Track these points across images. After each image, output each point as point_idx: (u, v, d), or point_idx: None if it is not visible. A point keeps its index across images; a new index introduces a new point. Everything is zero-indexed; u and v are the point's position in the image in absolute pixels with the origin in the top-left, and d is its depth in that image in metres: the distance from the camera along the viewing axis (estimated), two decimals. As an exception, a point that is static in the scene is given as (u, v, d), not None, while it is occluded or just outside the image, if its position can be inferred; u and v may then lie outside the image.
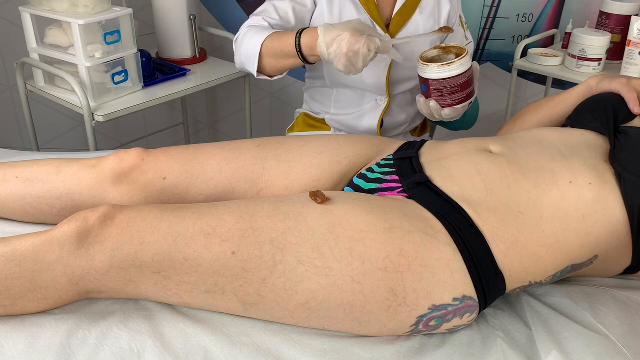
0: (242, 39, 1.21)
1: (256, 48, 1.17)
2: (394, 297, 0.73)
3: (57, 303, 0.76)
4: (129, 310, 0.78)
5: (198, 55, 1.89)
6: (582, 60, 1.67)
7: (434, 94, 1.09)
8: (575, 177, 0.80)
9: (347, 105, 1.34)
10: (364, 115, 1.34)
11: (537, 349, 0.75)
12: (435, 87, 1.07)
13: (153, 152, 0.95)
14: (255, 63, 1.18)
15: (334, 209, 0.77)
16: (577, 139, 0.90)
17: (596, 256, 0.81)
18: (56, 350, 0.71)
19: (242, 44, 1.21)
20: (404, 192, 0.86)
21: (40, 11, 1.49)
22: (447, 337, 0.78)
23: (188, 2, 1.79)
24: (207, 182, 0.93)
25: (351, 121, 1.35)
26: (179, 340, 0.73)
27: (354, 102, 1.34)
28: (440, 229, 0.77)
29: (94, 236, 0.73)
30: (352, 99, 1.33)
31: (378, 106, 1.33)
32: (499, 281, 0.78)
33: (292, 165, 0.94)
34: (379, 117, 1.33)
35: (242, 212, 0.76)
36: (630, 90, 0.96)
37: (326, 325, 0.76)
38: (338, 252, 0.73)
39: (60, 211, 0.94)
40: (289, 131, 1.47)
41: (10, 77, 2.08)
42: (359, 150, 0.97)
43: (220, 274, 0.73)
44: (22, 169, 0.95)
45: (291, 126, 1.47)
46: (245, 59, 1.21)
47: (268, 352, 0.73)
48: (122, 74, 1.57)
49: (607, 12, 1.71)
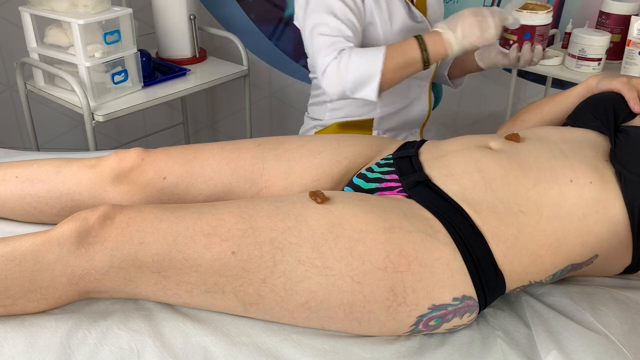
0: (350, 64, 1.16)
1: (377, 67, 1.16)
2: (394, 297, 0.73)
3: (57, 303, 0.76)
4: (129, 310, 0.78)
5: (198, 55, 1.89)
6: (582, 60, 1.67)
7: (537, 39, 1.26)
8: (576, 176, 0.80)
9: (395, 100, 1.37)
10: (413, 103, 1.40)
11: (537, 349, 0.75)
12: (539, 33, 1.26)
13: (153, 152, 0.95)
14: (377, 81, 1.16)
15: (334, 209, 0.77)
16: (578, 138, 0.90)
17: (596, 256, 0.81)
18: (56, 350, 0.71)
19: (350, 69, 1.17)
20: (404, 192, 0.86)
21: (40, 11, 1.49)
22: (447, 337, 0.78)
23: (188, 2, 1.79)
24: (207, 182, 0.93)
25: (401, 114, 1.39)
26: (179, 340, 0.73)
27: (400, 95, 1.37)
28: (440, 229, 0.77)
29: (94, 236, 0.73)
30: (398, 92, 1.35)
31: (423, 91, 1.38)
32: (499, 281, 0.78)
33: (292, 165, 0.94)
34: (428, 100, 1.42)
35: (242, 212, 0.76)
36: (630, 89, 0.96)
37: (326, 325, 0.76)
38: (338, 252, 0.73)
39: (60, 211, 0.94)
40: None
41: (10, 77, 2.08)
42: (359, 150, 0.97)
43: (221, 274, 0.73)
44: (22, 169, 0.95)
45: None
46: (360, 81, 1.17)
47: (268, 352, 0.73)
48: (122, 74, 1.57)
49: (607, 12, 1.71)
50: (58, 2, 1.45)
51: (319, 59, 1.20)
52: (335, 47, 1.19)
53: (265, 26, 2.19)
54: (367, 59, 1.16)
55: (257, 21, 2.18)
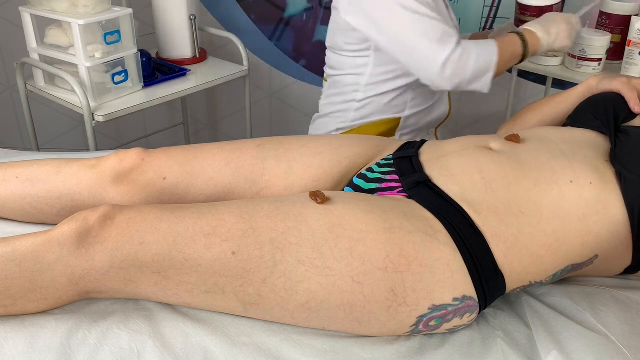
0: (471, 55, 1.20)
1: (493, 59, 1.22)
2: (394, 297, 0.73)
3: (57, 303, 0.76)
4: (129, 310, 0.78)
5: (198, 55, 1.89)
6: (582, 60, 1.67)
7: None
8: (576, 177, 0.80)
9: (423, 101, 1.41)
10: (436, 103, 1.44)
11: (537, 349, 0.75)
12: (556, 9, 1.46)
13: (153, 152, 0.95)
14: (492, 74, 1.23)
15: (334, 209, 0.77)
16: (578, 138, 0.90)
17: (596, 256, 0.81)
18: (56, 350, 0.71)
19: (470, 60, 1.20)
20: (404, 192, 0.86)
21: (40, 11, 1.49)
22: (447, 337, 0.78)
23: (188, 2, 1.79)
24: (207, 182, 0.93)
25: (425, 113, 1.43)
26: (179, 340, 0.73)
27: (428, 96, 1.41)
28: (440, 229, 0.77)
29: (94, 236, 0.73)
30: (427, 93, 1.39)
31: (444, 92, 1.42)
32: (499, 281, 0.78)
33: (292, 165, 0.94)
34: (448, 100, 1.48)
35: (242, 212, 0.76)
36: (630, 89, 0.96)
37: (326, 325, 0.76)
38: (338, 252, 0.73)
39: (60, 211, 0.94)
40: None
41: (10, 77, 2.08)
42: (359, 150, 0.97)
43: (221, 274, 0.73)
44: (22, 169, 0.95)
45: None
46: (478, 73, 1.21)
47: (268, 352, 0.73)
48: (122, 74, 1.57)
49: (607, 12, 1.71)
50: (58, 2, 1.45)
51: (424, 44, 1.19)
52: (450, 37, 1.19)
53: (265, 26, 2.19)
54: (483, 52, 1.21)
55: (257, 21, 2.18)
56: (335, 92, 1.43)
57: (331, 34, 1.39)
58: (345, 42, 1.34)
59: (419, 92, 1.38)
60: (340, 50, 1.37)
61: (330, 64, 1.43)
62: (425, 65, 1.21)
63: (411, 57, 1.22)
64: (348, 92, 1.39)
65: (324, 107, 1.47)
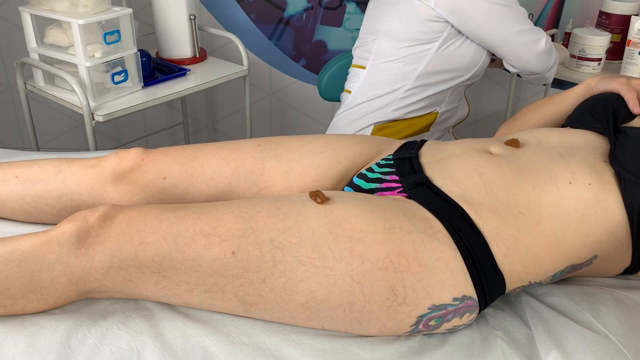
0: (553, 49, 1.43)
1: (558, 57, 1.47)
2: (394, 297, 0.73)
3: (57, 303, 0.76)
4: (129, 310, 0.78)
5: (198, 55, 1.89)
6: (582, 60, 1.67)
7: None
8: (574, 178, 0.81)
9: (455, 99, 1.52)
10: (462, 103, 1.55)
11: (537, 349, 0.75)
12: None
13: (153, 152, 0.95)
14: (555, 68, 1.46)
15: (334, 209, 0.77)
16: (577, 139, 0.90)
17: (596, 256, 0.81)
18: (56, 350, 0.71)
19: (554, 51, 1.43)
20: (404, 192, 0.86)
21: (40, 11, 1.49)
22: (447, 337, 0.78)
23: (188, 2, 1.79)
24: (207, 182, 0.93)
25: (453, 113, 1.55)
26: (179, 340, 0.73)
27: (459, 96, 1.53)
28: (440, 229, 0.77)
29: (94, 236, 0.73)
30: (460, 91, 1.53)
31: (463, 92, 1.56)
32: (499, 281, 0.78)
33: (292, 166, 0.94)
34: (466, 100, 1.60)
35: (242, 212, 0.76)
36: (630, 90, 0.96)
37: (326, 325, 0.76)
38: (338, 252, 0.73)
39: (60, 211, 0.94)
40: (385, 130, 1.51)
41: (10, 77, 2.08)
42: (359, 150, 0.97)
43: (221, 274, 0.73)
44: (22, 169, 0.95)
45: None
46: (553, 63, 1.44)
47: (268, 352, 0.73)
48: (122, 74, 1.57)
49: (607, 12, 1.71)
50: (58, 2, 1.45)
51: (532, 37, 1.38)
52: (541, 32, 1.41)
53: (265, 26, 2.19)
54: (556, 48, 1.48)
55: (257, 21, 2.18)
56: (379, 80, 1.43)
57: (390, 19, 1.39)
58: (416, 30, 1.35)
59: (457, 92, 1.49)
60: (401, 39, 1.37)
61: (380, 50, 1.42)
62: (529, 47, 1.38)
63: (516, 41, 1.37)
64: (398, 81, 1.41)
65: (361, 94, 1.47)
